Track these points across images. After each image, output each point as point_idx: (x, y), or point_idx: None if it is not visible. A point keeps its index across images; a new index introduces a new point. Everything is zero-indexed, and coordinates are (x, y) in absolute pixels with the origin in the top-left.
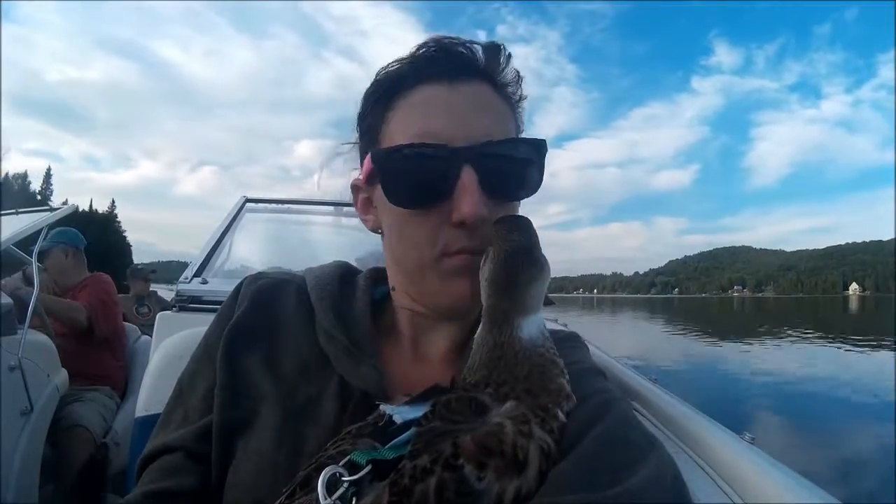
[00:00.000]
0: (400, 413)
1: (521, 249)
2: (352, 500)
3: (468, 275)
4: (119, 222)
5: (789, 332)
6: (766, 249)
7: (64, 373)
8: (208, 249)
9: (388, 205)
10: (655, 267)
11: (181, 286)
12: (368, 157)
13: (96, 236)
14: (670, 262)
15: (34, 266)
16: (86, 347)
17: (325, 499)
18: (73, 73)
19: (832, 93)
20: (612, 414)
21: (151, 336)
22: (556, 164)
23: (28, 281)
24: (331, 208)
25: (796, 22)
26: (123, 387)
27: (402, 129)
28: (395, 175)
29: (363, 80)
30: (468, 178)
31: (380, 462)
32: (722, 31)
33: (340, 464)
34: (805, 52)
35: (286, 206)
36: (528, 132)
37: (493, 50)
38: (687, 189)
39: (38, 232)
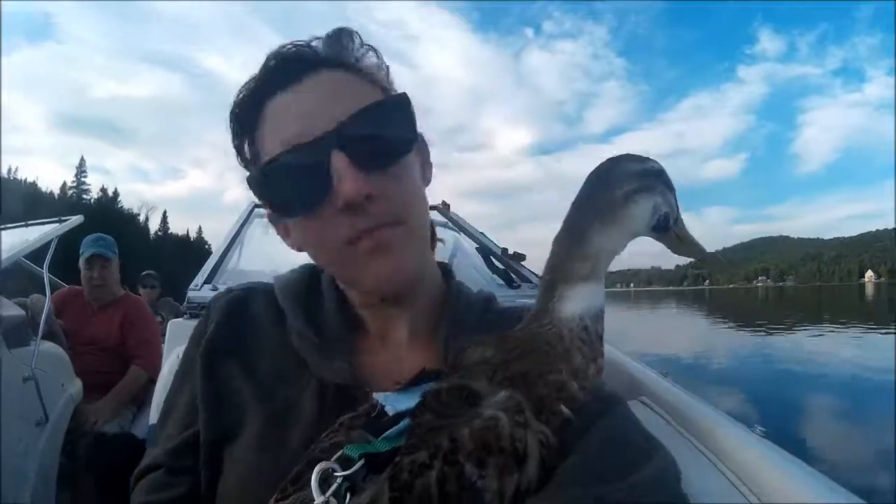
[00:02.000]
0: (391, 402)
1: (586, 199)
2: (346, 496)
3: (382, 253)
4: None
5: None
6: (802, 238)
7: (78, 382)
8: (218, 256)
9: (290, 221)
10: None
11: (192, 293)
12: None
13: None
14: (710, 253)
15: (45, 276)
16: (110, 363)
17: (319, 495)
18: (118, 89)
19: (875, 76)
20: (614, 413)
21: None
22: (606, 158)
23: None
24: None
25: (836, 6)
26: (143, 395)
27: (268, 145)
28: (275, 189)
29: (414, 85)
30: (338, 161)
31: (373, 455)
32: (765, 19)
33: (333, 458)
34: (846, 35)
35: None
36: (581, 129)
37: (335, 36)
38: (735, 178)
39: (48, 243)
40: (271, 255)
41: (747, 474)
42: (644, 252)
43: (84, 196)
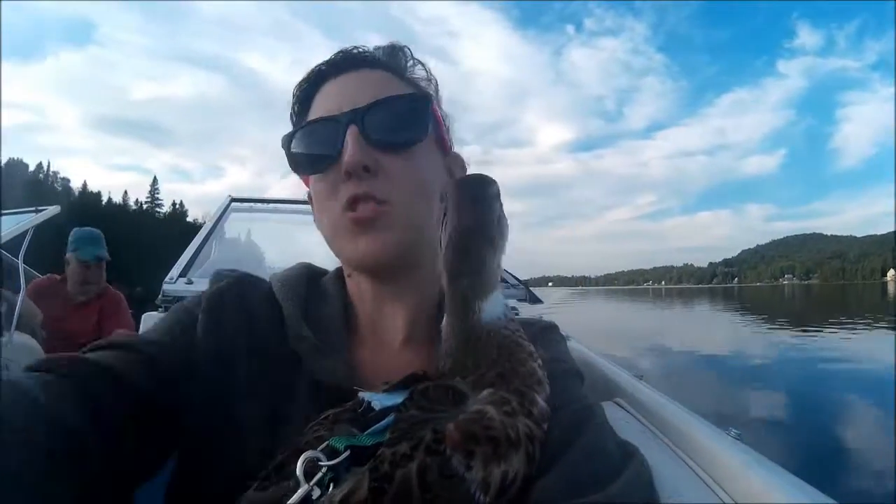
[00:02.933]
0: (378, 400)
1: (474, 229)
2: (329, 486)
3: (372, 228)
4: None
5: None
6: (835, 236)
7: None
8: (193, 249)
9: (309, 186)
10: (730, 256)
11: (166, 286)
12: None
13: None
14: (743, 251)
15: (20, 267)
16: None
17: (303, 484)
18: (158, 90)
19: None
20: (590, 425)
21: None
22: (646, 154)
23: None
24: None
25: None
26: None
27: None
28: (297, 151)
29: (456, 81)
30: (350, 134)
31: (358, 448)
32: (803, 12)
33: (318, 449)
34: (884, 28)
35: (272, 205)
36: (621, 125)
37: (391, 49)
38: (774, 174)
39: (24, 234)
40: (249, 250)
41: (721, 475)
42: (678, 248)
43: (158, 210)
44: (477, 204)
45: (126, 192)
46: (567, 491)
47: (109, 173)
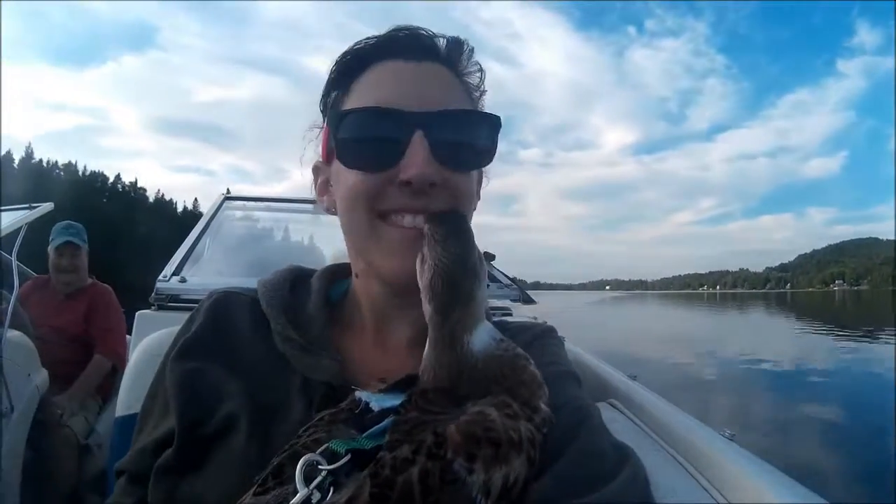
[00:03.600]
0: (376, 401)
1: (458, 262)
2: (329, 490)
3: (410, 250)
4: None
5: None
6: (892, 240)
7: (44, 372)
8: (187, 247)
9: (342, 173)
10: (787, 261)
11: (160, 284)
12: (326, 129)
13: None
14: (799, 256)
15: (13, 264)
16: (76, 356)
17: (303, 487)
18: (220, 93)
19: None
20: (586, 426)
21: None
22: (708, 158)
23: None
24: (310, 206)
25: None
26: (108, 388)
27: (361, 97)
28: (349, 137)
29: (517, 82)
30: (418, 141)
31: (358, 451)
32: (861, 10)
33: (318, 452)
34: None
35: (266, 203)
36: (684, 128)
37: (456, 42)
38: (836, 177)
39: (18, 230)
40: (312, 253)
41: (716, 476)
42: (740, 252)
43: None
44: (461, 237)
45: (196, 198)
46: (562, 492)
47: (171, 175)
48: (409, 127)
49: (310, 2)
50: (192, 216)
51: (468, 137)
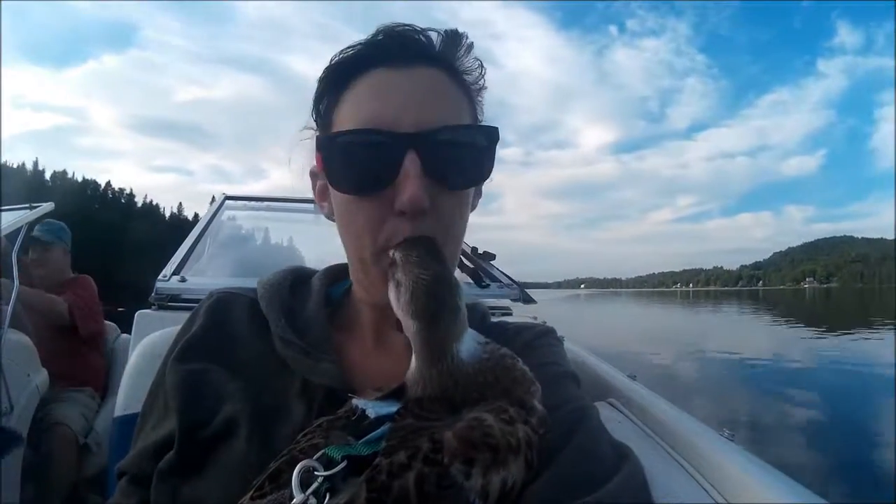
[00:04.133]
0: (373, 408)
1: (440, 278)
2: (325, 496)
3: None
4: None
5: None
6: (866, 238)
7: (44, 372)
8: (187, 247)
9: (334, 191)
10: (761, 259)
11: (159, 284)
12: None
13: None
14: (774, 254)
15: (13, 264)
16: (68, 348)
17: (299, 493)
18: (200, 92)
19: None
20: (584, 426)
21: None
22: (687, 156)
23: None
24: (311, 206)
25: None
26: (105, 387)
27: (351, 113)
28: (339, 161)
29: (497, 82)
30: (411, 164)
31: (355, 458)
32: (843, 11)
33: (314, 458)
34: None
35: (266, 203)
36: (663, 126)
37: (452, 36)
38: (814, 175)
39: (18, 230)
40: (291, 255)
41: (714, 476)
42: (719, 251)
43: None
44: (437, 256)
45: (181, 203)
46: (560, 493)
47: (151, 175)
48: (400, 148)
49: (291, 1)
50: (179, 220)
51: (464, 154)
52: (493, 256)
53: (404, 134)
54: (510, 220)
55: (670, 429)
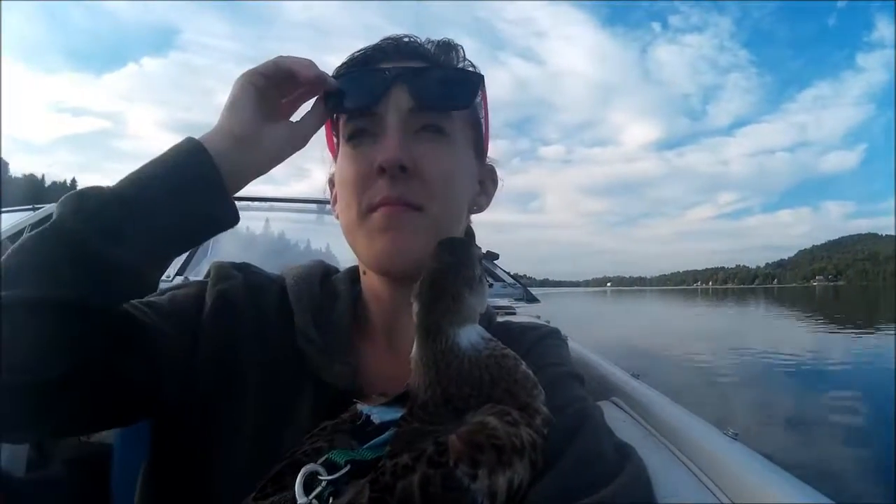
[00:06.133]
0: (377, 413)
1: (448, 267)
2: (328, 500)
3: (390, 230)
4: None
5: None
6: (889, 236)
7: None
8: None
9: (342, 169)
10: (786, 257)
11: (163, 284)
12: (329, 123)
13: None
14: (799, 251)
15: None
16: None
17: (302, 497)
18: None
19: None
20: (588, 426)
21: None
22: (728, 152)
23: None
24: (314, 206)
25: None
26: None
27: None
28: (337, 102)
29: (542, 80)
30: (393, 114)
31: (358, 462)
32: (881, 4)
33: (318, 462)
34: None
35: (269, 204)
36: (705, 123)
37: (444, 46)
38: (854, 170)
39: (20, 231)
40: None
41: (719, 475)
42: (728, 250)
43: None
44: (455, 251)
45: None
46: (563, 494)
47: None
48: (387, 80)
49: (336, 1)
50: None
51: (446, 83)
52: (496, 256)
53: (392, 68)
54: (550, 218)
55: (673, 427)
